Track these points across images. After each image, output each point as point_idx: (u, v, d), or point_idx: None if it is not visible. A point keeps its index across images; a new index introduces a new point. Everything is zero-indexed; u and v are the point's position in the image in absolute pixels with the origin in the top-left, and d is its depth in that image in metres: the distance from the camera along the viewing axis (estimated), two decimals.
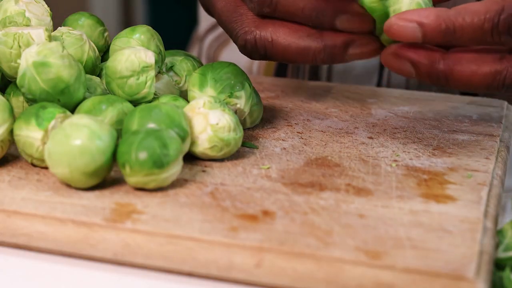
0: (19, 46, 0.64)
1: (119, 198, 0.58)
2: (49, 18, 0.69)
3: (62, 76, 0.62)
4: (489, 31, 0.60)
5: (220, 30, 1.02)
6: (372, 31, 0.66)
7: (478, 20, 0.59)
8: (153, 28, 0.71)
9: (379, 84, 0.90)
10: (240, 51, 0.68)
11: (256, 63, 0.97)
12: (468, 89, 0.63)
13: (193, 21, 1.18)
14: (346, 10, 0.64)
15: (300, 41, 0.65)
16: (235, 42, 0.67)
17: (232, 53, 0.98)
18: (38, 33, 0.65)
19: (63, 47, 0.63)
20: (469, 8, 0.60)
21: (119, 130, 0.62)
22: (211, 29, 1.04)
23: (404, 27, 0.60)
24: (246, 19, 0.67)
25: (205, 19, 1.06)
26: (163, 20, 2.74)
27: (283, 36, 0.65)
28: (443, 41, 0.60)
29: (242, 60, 0.96)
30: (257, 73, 0.96)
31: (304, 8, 0.65)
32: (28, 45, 0.64)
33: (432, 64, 0.62)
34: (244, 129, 0.69)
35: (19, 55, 0.64)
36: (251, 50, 0.66)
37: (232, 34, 0.67)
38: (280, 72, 0.95)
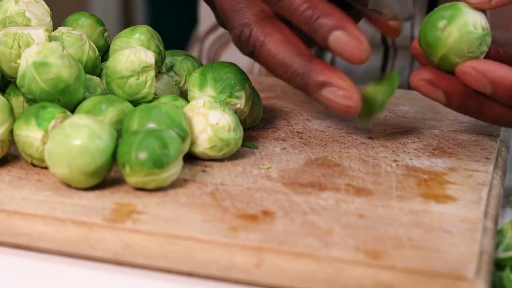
0: (19, 46, 0.64)
1: (119, 198, 0.58)
2: (49, 18, 0.70)
3: (62, 76, 0.62)
4: None
5: (220, 31, 1.02)
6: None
7: None
8: (153, 28, 0.71)
9: None
10: (232, 40, 0.65)
11: (256, 65, 0.97)
12: (495, 124, 0.65)
13: (193, 21, 1.18)
14: (344, 26, 0.60)
15: (287, 54, 0.61)
16: (231, 30, 0.65)
17: (232, 54, 0.97)
18: (38, 33, 0.65)
19: (63, 47, 0.63)
20: None
21: (119, 130, 0.62)
22: (211, 30, 1.04)
23: (476, 79, 0.61)
24: (250, 12, 0.64)
25: (205, 20, 1.06)
26: (163, 20, 2.74)
27: (275, 42, 0.62)
28: (507, 101, 0.62)
29: (242, 61, 0.96)
30: (258, 74, 0.96)
31: (300, 8, 0.62)
32: (28, 45, 0.64)
33: (465, 98, 0.63)
34: (244, 129, 0.69)
35: (19, 55, 0.64)
36: (242, 42, 0.64)
37: (230, 22, 0.65)
38: None
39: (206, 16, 1.06)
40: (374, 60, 0.89)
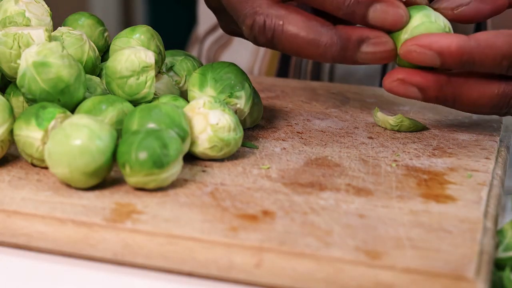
0: (19, 47, 0.64)
1: (119, 198, 0.58)
2: (49, 18, 0.70)
3: (62, 75, 0.62)
4: (506, 67, 0.61)
5: (219, 32, 1.02)
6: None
7: (500, 57, 0.60)
8: (153, 28, 0.71)
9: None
10: (245, 33, 0.63)
11: (257, 64, 0.97)
12: (474, 110, 0.64)
13: (193, 21, 1.18)
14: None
15: (312, 30, 0.60)
16: (242, 23, 0.63)
17: (232, 55, 0.97)
18: (38, 34, 0.65)
19: (63, 47, 0.63)
20: (490, 42, 0.60)
21: (119, 130, 0.62)
22: (210, 31, 1.04)
23: (423, 54, 0.60)
24: (259, 0, 0.62)
25: (204, 21, 1.06)
26: (163, 20, 2.74)
27: (295, 22, 0.60)
28: (459, 69, 0.61)
29: (242, 62, 0.96)
30: (258, 74, 0.96)
31: None
32: (28, 45, 0.64)
33: (440, 87, 0.62)
34: (244, 129, 0.69)
35: (19, 56, 0.64)
36: (257, 32, 0.61)
37: (240, 13, 0.63)
38: (282, 74, 0.95)
39: (205, 16, 1.05)
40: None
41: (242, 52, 0.97)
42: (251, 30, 0.62)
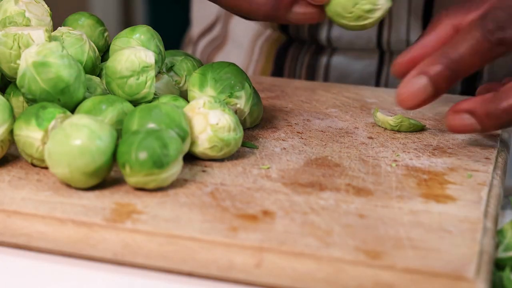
0: (19, 47, 0.64)
1: (119, 198, 0.58)
2: (49, 18, 0.69)
3: (62, 75, 0.62)
4: None
5: (213, 34, 1.02)
6: None
7: None
8: (153, 28, 0.71)
9: None
10: None
11: (252, 65, 0.97)
12: None
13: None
14: None
15: None
16: None
17: (226, 57, 0.97)
18: (38, 34, 0.65)
19: (63, 47, 0.63)
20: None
21: (119, 130, 0.62)
22: (204, 32, 1.04)
23: (460, 119, 0.63)
24: None
25: (197, 23, 1.06)
26: (163, 20, 2.74)
27: None
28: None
29: (236, 63, 0.96)
30: (253, 73, 0.96)
31: None
32: (28, 46, 0.64)
33: (487, 103, 0.63)
34: (244, 129, 0.69)
35: (18, 56, 0.64)
36: None
37: None
38: (276, 76, 0.95)
39: (199, 18, 1.06)
40: (369, 65, 0.89)
41: (236, 54, 0.97)
42: None
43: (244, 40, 0.97)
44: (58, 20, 0.73)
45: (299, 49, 0.92)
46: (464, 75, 0.63)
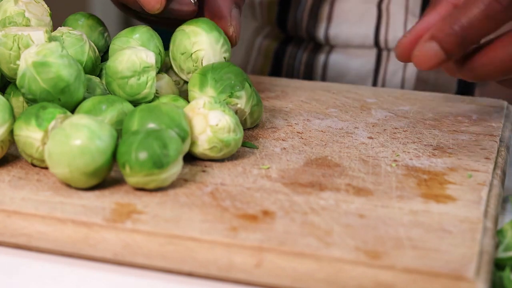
0: (19, 48, 0.64)
1: (119, 198, 0.58)
2: (49, 18, 0.69)
3: (62, 75, 0.62)
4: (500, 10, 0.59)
5: None
6: None
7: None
8: (153, 28, 0.71)
9: None
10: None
11: (250, 64, 0.97)
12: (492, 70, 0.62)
13: None
14: None
15: None
16: None
17: None
18: (38, 35, 0.65)
19: (62, 47, 0.63)
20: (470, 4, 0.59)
21: (119, 130, 0.62)
22: None
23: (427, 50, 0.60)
24: None
25: None
26: None
27: None
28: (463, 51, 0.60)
29: (235, 62, 0.97)
30: (252, 71, 0.97)
31: None
32: (27, 47, 0.64)
33: (444, 21, 0.60)
34: (244, 129, 0.69)
35: (18, 57, 0.64)
36: None
37: None
38: (275, 75, 0.95)
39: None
40: (367, 62, 0.90)
41: (235, 52, 0.97)
42: None
43: (243, 38, 0.97)
44: (58, 20, 0.73)
45: (297, 47, 0.93)
46: (476, 40, 0.60)
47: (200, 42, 0.68)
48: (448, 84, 0.87)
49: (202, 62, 0.68)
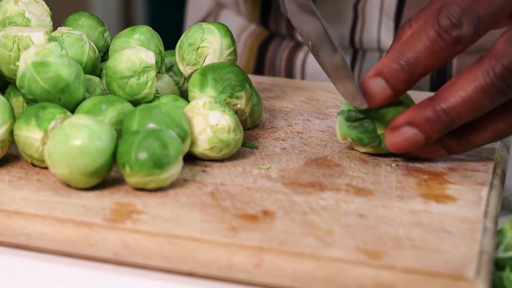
0: (18, 49, 0.64)
1: (119, 198, 0.58)
2: (49, 18, 0.69)
3: (62, 74, 0.62)
4: (495, 90, 0.58)
5: None
6: None
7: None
8: (153, 28, 0.71)
9: None
10: None
11: (237, 59, 0.98)
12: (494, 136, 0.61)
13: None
14: None
15: None
16: None
17: None
18: (38, 36, 0.65)
19: (62, 47, 0.63)
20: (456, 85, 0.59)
21: (119, 130, 0.62)
22: None
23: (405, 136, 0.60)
24: None
25: (190, 19, 1.07)
26: (163, 20, 2.73)
27: None
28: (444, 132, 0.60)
29: None
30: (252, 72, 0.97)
31: None
32: (27, 48, 0.64)
33: (424, 108, 0.59)
34: (244, 129, 0.69)
35: (18, 58, 0.64)
36: None
37: None
38: (258, 70, 0.96)
39: (192, 14, 1.07)
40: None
41: None
42: None
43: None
44: (58, 20, 0.73)
45: (279, 44, 0.94)
46: (421, 76, 0.60)
47: (211, 41, 0.68)
48: (421, 84, 0.88)
49: (205, 59, 0.68)
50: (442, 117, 0.59)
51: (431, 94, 0.78)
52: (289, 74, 0.94)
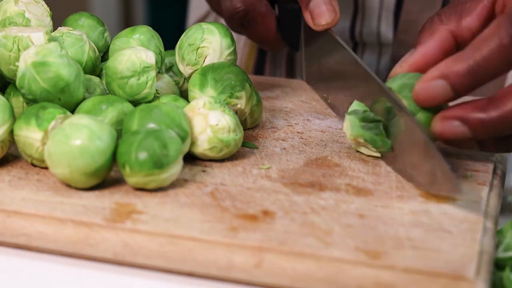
0: (18, 49, 0.64)
1: (119, 198, 0.58)
2: (49, 19, 0.69)
3: (62, 74, 0.62)
4: None
5: None
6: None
7: None
8: (153, 28, 0.71)
9: None
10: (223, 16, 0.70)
11: (238, 54, 0.98)
12: None
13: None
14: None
15: None
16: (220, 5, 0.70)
17: None
18: (38, 36, 0.65)
19: (61, 47, 0.63)
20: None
21: (119, 130, 0.62)
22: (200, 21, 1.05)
23: (450, 126, 0.59)
24: None
25: (192, 17, 1.07)
26: (163, 20, 2.73)
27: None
28: (492, 133, 0.59)
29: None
30: (239, 64, 0.97)
31: None
32: (27, 48, 0.64)
33: (480, 110, 0.58)
34: (244, 129, 0.69)
35: (18, 58, 0.64)
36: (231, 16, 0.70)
37: None
38: (259, 68, 0.96)
39: (193, 11, 1.07)
40: None
41: None
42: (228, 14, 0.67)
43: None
44: (58, 20, 0.73)
45: None
46: (487, 82, 0.58)
47: (211, 41, 0.68)
48: None
49: (205, 59, 0.68)
50: (496, 124, 0.58)
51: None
52: (290, 70, 0.94)
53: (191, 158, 0.64)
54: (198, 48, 0.68)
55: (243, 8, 0.70)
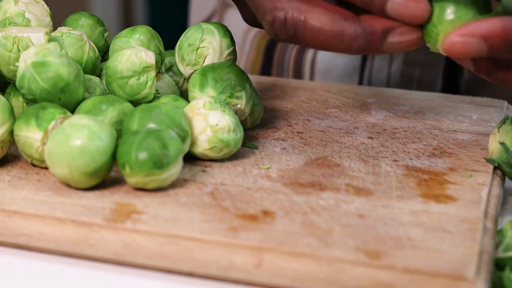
0: (18, 50, 0.64)
1: (119, 198, 0.58)
2: (49, 19, 0.69)
3: (62, 74, 0.62)
4: None
5: None
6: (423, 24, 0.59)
7: None
8: (153, 28, 0.71)
9: (360, 84, 0.90)
10: (265, 29, 0.61)
11: (243, 60, 0.98)
12: None
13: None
14: None
15: (335, 24, 0.57)
16: (262, 18, 0.60)
17: None
18: (38, 37, 0.65)
19: (61, 47, 0.63)
20: None
21: (119, 130, 0.62)
22: None
23: (467, 43, 0.56)
24: None
25: (195, 18, 1.07)
26: (163, 20, 2.74)
27: (317, 16, 0.57)
28: (509, 53, 0.56)
29: None
30: (245, 66, 0.97)
31: None
32: (27, 48, 0.64)
33: (505, 28, 0.55)
34: (244, 129, 0.69)
35: (18, 59, 0.64)
36: (279, 28, 0.58)
37: (260, 8, 0.60)
38: (266, 69, 0.96)
39: (196, 13, 1.06)
40: (353, 59, 0.90)
41: None
42: (272, 27, 0.59)
43: (237, 33, 0.97)
44: (58, 20, 0.73)
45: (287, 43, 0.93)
46: None
47: (210, 41, 0.68)
48: (433, 81, 0.88)
49: (205, 60, 0.68)
50: None
51: (457, 96, 0.78)
52: (298, 73, 0.93)
53: (191, 158, 0.64)
54: (198, 48, 0.68)
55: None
